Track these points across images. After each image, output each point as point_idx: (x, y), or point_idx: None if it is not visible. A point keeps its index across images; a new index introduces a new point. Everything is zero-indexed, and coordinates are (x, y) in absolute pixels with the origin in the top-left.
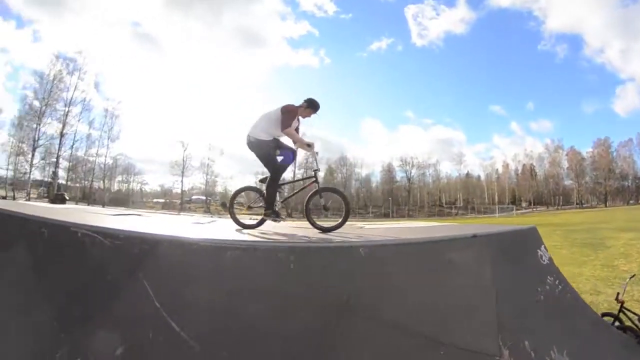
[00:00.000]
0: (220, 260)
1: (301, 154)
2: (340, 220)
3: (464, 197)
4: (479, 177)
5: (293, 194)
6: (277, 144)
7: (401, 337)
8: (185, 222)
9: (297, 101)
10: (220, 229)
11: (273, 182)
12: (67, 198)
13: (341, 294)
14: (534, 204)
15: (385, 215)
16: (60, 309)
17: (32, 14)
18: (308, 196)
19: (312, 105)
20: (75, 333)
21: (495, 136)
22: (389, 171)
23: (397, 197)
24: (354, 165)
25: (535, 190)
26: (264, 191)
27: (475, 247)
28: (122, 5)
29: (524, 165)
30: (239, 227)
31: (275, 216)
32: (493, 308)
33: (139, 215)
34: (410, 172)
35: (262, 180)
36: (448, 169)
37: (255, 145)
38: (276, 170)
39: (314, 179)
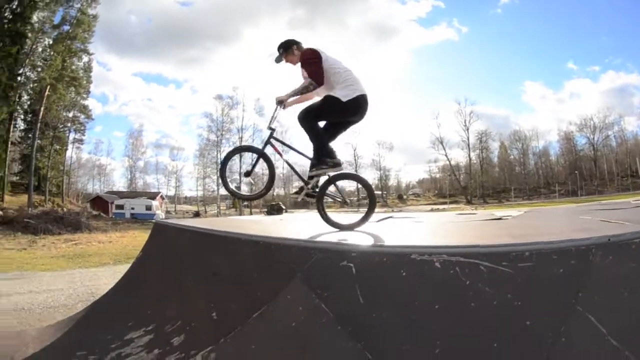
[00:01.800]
0: None
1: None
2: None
3: None
4: None
5: None
6: None
7: None
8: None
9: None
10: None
11: None
12: (284, 207)
13: None
14: None
15: (573, 194)
16: None
17: (184, 75)
18: None
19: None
20: None
21: None
22: (567, 139)
23: (580, 169)
24: (529, 139)
25: None
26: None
27: None
28: (255, 44)
29: None
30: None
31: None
32: None
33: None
34: (593, 137)
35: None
36: (633, 127)
37: None
38: None
39: None
